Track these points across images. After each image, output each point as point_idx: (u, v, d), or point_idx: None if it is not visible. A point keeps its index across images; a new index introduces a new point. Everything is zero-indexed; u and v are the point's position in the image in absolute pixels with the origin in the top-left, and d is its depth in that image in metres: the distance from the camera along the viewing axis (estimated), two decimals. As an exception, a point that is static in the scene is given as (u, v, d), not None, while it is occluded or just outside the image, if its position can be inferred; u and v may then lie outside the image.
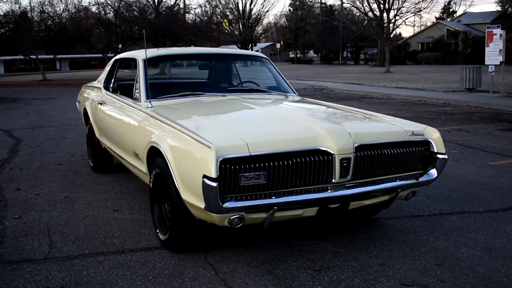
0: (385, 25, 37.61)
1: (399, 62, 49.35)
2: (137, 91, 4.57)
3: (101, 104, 5.43)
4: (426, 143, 3.63)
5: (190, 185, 3.12)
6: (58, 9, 30.06)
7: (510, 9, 60.84)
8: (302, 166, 3.11)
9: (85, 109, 6.26)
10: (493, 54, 15.44)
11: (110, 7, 27.85)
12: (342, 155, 3.17)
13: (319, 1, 71.15)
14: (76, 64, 52.07)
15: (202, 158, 2.94)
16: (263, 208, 3.06)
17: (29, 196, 5.16)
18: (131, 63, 5.27)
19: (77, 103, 7.17)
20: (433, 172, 3.65)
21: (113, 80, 5.56)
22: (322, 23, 63.15)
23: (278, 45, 74.18)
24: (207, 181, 2.86)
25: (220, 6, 51.82)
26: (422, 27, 61.95)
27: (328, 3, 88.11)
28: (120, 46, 28.73)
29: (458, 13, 69.40)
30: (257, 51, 64.26)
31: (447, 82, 21.97)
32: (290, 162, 3.08)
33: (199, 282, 3.15)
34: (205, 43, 34.00)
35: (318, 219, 3.86)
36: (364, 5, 40.84)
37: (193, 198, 3.11)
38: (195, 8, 33.88)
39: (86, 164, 6.64)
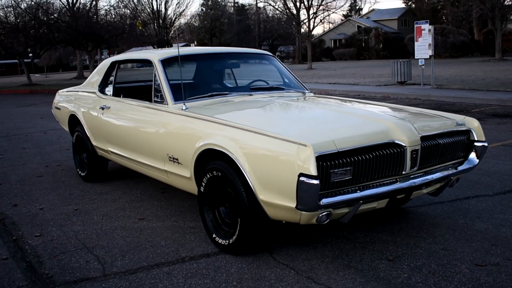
0: (305, 22, 38.70)
1: (315, 59, 50.95)
2: (159, 93, 4.39)
3: (102, 109, 5.14)
4: (467, 132, 3.84)
5: (274, 186, 3.07)
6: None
7: (413, 5, 64.98)
8: (380, 160, 3.18)
9: (72, 116, 5.89)
10: (423, 48, 16.41)
11: (26, 12, 26.16)
12: (412, 147, 3.29)
13: (232, 1, 71.66)
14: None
15: (295, 157, 2.91)
16: (351, 202, 3.10)
17: (34, 212, 4.79)
18: (138, 65, 5.03)
19: (53, 111, 6.72)
20: (474, 158, 3.86)
21: (112, 84, 5.28)
22: (237, 23, 63.71)
23: (192, 45, 73.67)
24: (306, 180, 2.84)
25: (135, 6, 50.50)
26: (333, 25, 64.34)
27: (241, 2, 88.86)
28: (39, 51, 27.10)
29: (364, 11, 73.00)
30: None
31: (373, 76, 23.05)
32: (371, 156, 3.14)
33: (287, 283, 3.12)
34: (123, 45, 33.04)
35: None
36: (277, 4, 41.85)
37: (277, 198, 3.07)
38: (109, 9, 32.48)
39: (70, 174, 6.26)
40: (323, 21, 53.41)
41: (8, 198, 5.31)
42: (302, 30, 41.32)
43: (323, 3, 37.07)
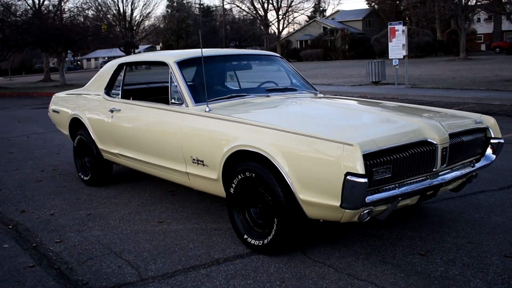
0: (273, 23, 38.94)
1: (283, 60, 51.34)
2: (176, 95, 4.36)
3: (112, 111, 5.07)
4: (484, 130, 3.98)
5: (316, 185, 3.11)
6: None
7: (376, 6, 66.28)
8: (414, 158, 3.27)
9: (74, 119, 5.77)
10: (397, 48, 16.79)
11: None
12: (443, 145, 3.40)
13: (198, 2, 71.51)
14: None
15: (341, 156, 2.95)
16: (391, 199, 3.17)
17: (45, 218, 4.68)
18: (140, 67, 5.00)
19: (51, 114, 6.56)
20: (491, 154, 4.01)
21: (120, 86, 5.21)
22: (204, 24, 63.55)
23: (158, 47, 73.08)
24: (353, 178, 2.89)
25: (100, 8, 49.65)
26: (300, 26, 64.85)
27: (206, 4, 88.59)
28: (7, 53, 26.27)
29: (328, 12, 73.93)
30: (139, 52, 62.55)
31: (345, 76, 23.38)
32: (407, 154, 3.22)
33: (330, 280, 3.17)
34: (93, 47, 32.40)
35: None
36: (246, 5, 41.97)
37: (319, 197, 3.11)
38: (73, 11, 31.61)
39: (70, 178, 6.14)
40: (292, 22, 53.80)
41: (13, 204, 5.17)
42: (271, 31, 41.58)
43: (292, 4, 37.39)
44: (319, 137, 3.13)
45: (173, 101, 4.41)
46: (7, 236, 4.25)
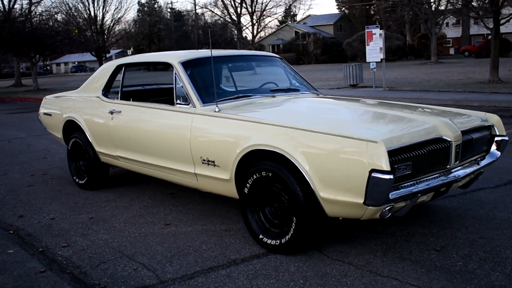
0: (247, 27, 39.08)
1: (256, 64, 51.49)
2: (182, 96, 4.31)
3: (112, 113, 4.97)
4: (489, 127, 4.07)
5: (338, 183, 3.12)
6: None
7: (346, 11, 67.18)
8: (432, 154, 3.32)
9: (69, 122, 5.64)
10: (374, 52, 17.04)
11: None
12: (456, 142, 3.45)
13: (169, 6, 71.13)
14: None
15: (365, 154, 2.97)
16: (411, 196, 3.20)
17: (46, 222, 4.55)
18: (152, 68, 4.93)
19: (42, 117, 6.39)
20: (496, 151, 4.10)
21: (120, 87, 5.12)
22: (176, 29, 63.26)
23: (129, 52, 72.27)
24: (379, 175, 2.91)
25: (70, 11, 48.84)
26: (272, 30, 65.20)
27: (177, 8, 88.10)
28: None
29: (299, 17, 74.47)
30: (110, 57, 61.64)
31: (321, 80, 23.58)
32: (425, 151, 3.26)
33: (353, 278, 3.17)
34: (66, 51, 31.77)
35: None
36: (220, 10, 42.00)
37: (341, 194, 3.12)
38: (43, 14, 30.80)
39: (63, 182, 6.01)
40: (266, 27, 54.02)
41: (8, 209, 5.02)
42: (244, 35, 41.70)
43: (266, 8, 37.60)
44: (341, 135, 3.13)
45: (178, 102, 4.36)
46: (10, 242, 4.12)
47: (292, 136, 3.36)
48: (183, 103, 4.31)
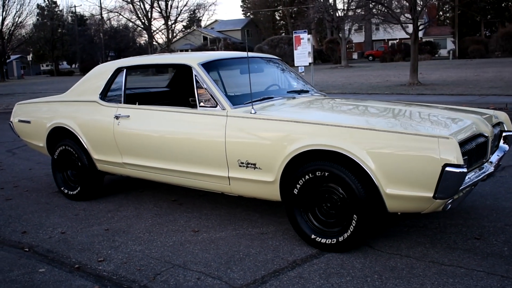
0: (157, 32, 38.38)
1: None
2: (205, 99, 4.22)
3: (118, 118, 4.71)
4: (499, 124, 4.44)
5: (406, 179, 3.24)
6: None
7: (251, 16, 68.37)
8: (478, 149, 3.57)
9: (57, 129, 5.24)
10: (302, 56, 17.56)
11: None
12: (491, 137, 3.75)
13: (72, 11, 68.02)
14: None
15: (437, 150, 3.11)
16: (469, 187, 3.42)
17: (59, 237, 4.22)
18: (160, 70, 4.74)
19: (15, 125, 5.84)
20: (505, 145, 4.47)
21: (122, 90, 4.86)
22: (80, 33, 60.57)
23: (29, 57, 68.02)
24: (453, 169, 3.07)
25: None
26: (182, 34, 64.56)
27: (81, 13, 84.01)
28: None
29: (204, 22, 74.44)
30: (10, 62, 56.85)
31: (245, 84, 23.80)
32: (474, 146, 3.50)
33: (421, 269, 3.30)
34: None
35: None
36: (128, 13, 40.93)
37: (409, 190, 3.24)
38: None
39: (46, 194, 5.61)
40: (181, 31, 53.13)
41: (3, 226, 4.57)
42: (160, 41, 40.97)
43: (181, 13, 37.24)
44: (410, 133, 3.26)
45: (202, 104, 4.25)
46: (33, 260, 3.76)
47: (355, 136, 3.43)
48: (208, 105, 4.21)
